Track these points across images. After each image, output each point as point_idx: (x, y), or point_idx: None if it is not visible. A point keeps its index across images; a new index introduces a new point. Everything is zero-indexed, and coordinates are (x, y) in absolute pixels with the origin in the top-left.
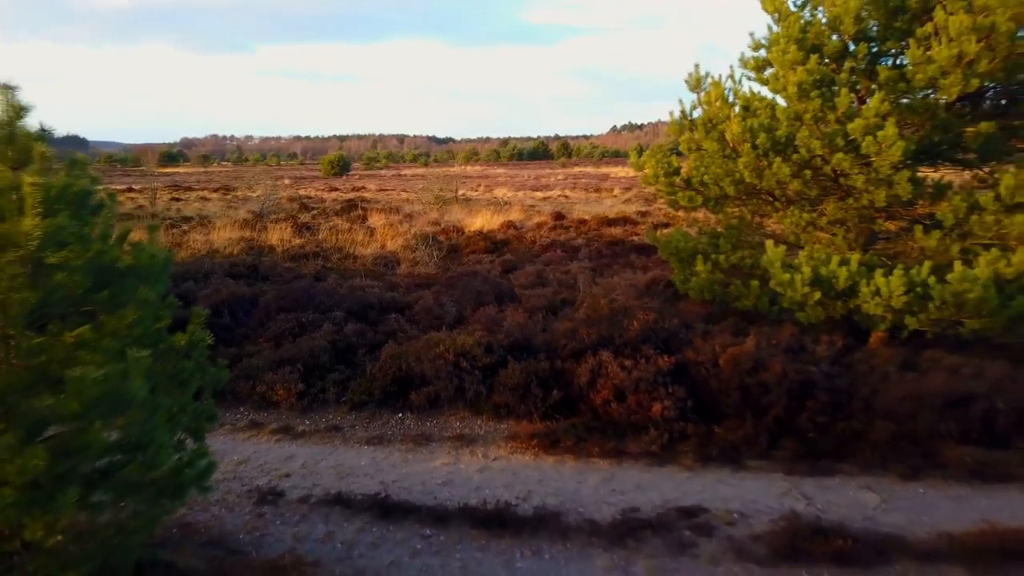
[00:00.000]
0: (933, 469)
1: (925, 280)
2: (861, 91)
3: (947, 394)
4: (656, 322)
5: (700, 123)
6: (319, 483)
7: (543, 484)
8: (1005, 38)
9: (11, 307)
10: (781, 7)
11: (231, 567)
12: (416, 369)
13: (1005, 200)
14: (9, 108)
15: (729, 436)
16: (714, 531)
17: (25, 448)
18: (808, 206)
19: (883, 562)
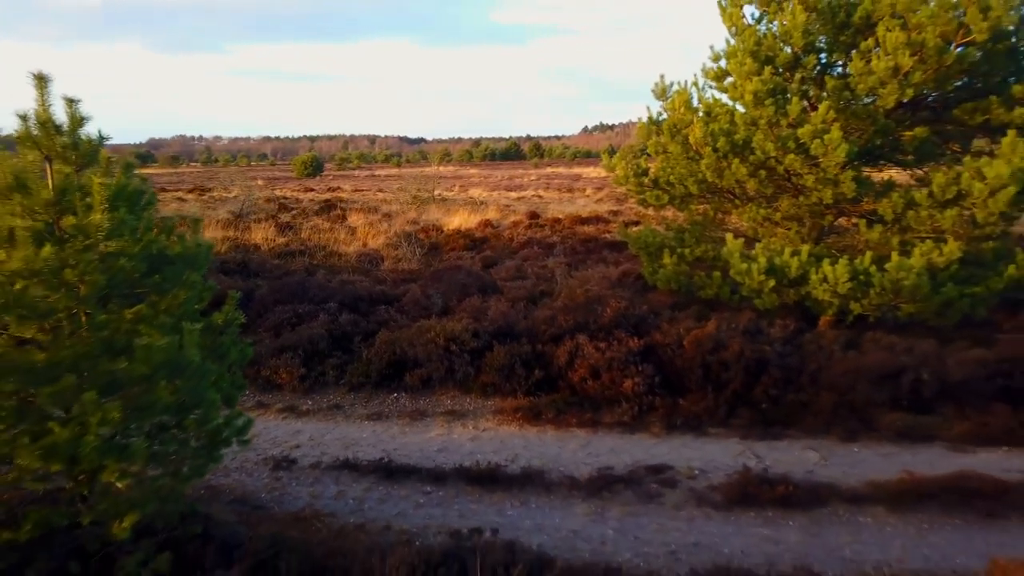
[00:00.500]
0: (868, 432)
1: (867, 269)
2: (813, 98)
3: (882, 368)
4: (627, 309)
5: (666, 128)
6: (327, 452)
7: (528, 449)
8: (934, 53)
9: (84, 288)
10: (738, 22)
11: (258, 518)
12: (409, 353)
13: (938, 197)
14: (72, 118)
15: (692, 408)
16: (677, 484)
17: (103, 403)
18: (764, 203)
19: (819, 504)
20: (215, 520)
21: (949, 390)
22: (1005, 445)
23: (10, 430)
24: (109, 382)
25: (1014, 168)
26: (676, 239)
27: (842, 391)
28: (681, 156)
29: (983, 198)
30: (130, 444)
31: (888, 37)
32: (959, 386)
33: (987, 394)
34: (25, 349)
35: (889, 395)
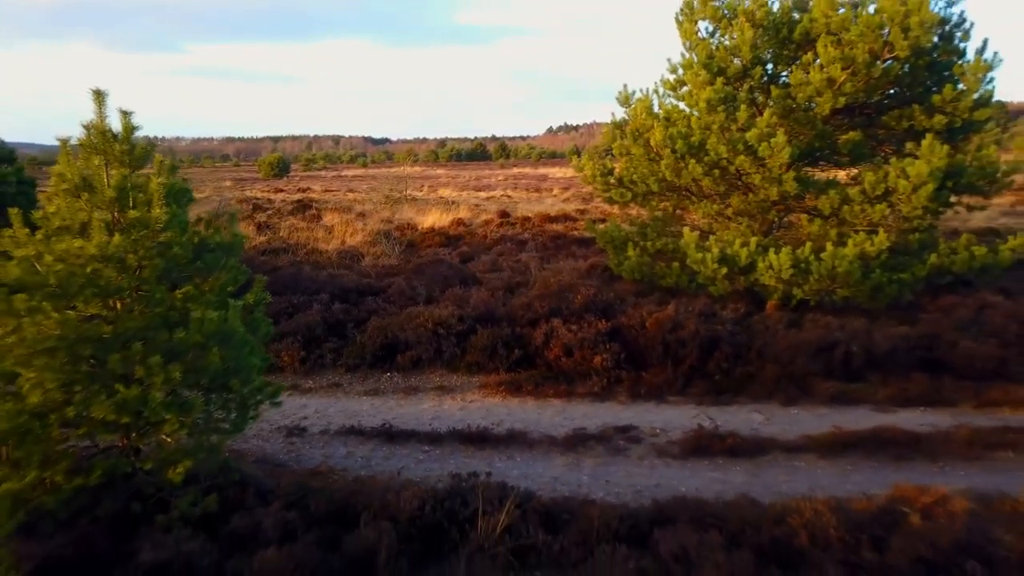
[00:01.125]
0: (805, 397)
1: (807, 258)
2: (760, 105)
3: (818, 343)
4: (596, 296)
5: (630, 132)
6: (333, 421)
7: (511, 415)
8: (864, 66)
9: (146, 271)
10: (692, 37)
11: (280, 473)
12: (400, 337)
13: (869, 193)
14: (125, 127)
15: (654, 379)
16: (642, 440)
17: (167, 366)
18: (718, 200)
19: (761, 453)
20: (243, 473)
21: (875, 361)
22: (921, 406)
23: (85, 390)
24: (169, 349)
25: (932, 168)
26: (639, 233)
27: (784, 363)
28: (643, 157)
29: (907, 194)
30: (188, 400)
31: (823, 52)
32: (884, 357)
33: (908, 364)
34: (94, 323)
35: (824, 366)
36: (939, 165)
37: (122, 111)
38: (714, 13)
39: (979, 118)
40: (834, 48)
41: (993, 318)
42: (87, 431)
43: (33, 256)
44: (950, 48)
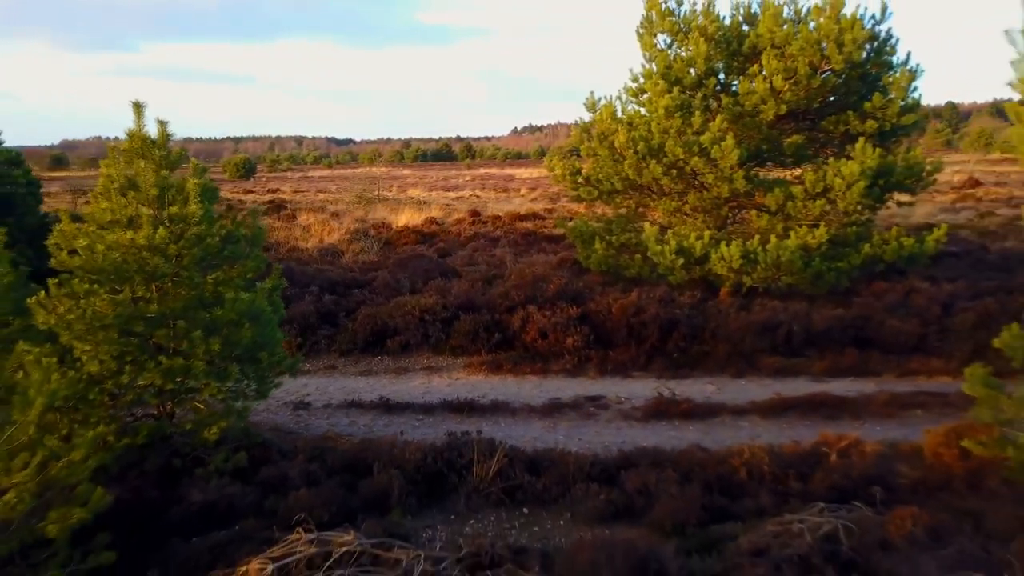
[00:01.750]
0: (752, 370)
1: (755, 249)
2: (712, 111)
3: (764, 324)
4: (567, 285)
5: (596, 135)
6: (333, 397)
7: (494, 389)
8: (804, 77)
9: (184, 259)
10: (651, 48)
11: (293, 439)
12: (389, 324)
13: (809, 191)
14: (162, 134)
15: (619, 357)
16: (609, 407)
17: (207, 339)
18: (676, 197)
19: (711, 416)
20: (261, 436)
21: (814, 339)
22: (851, 376)
23: (135, 361)
24: (207, 325)
25: (864, 168)
26: (605, 229)
27: (734, 342)
28: (608, 158)
29: (842, 191)
30: (226, 368)
31: (768, 64)
32: (821, 336)
33: (842, 341)
34: (141, 303)
35: (769, 344)
36: (871, 165)
37: (159, 121)
38: (671, 27)
39: (906, 123)
40: (778, 60)
41: (918, 301)
42: (133, 398)
43: (87, 246)
44: (880, 61)
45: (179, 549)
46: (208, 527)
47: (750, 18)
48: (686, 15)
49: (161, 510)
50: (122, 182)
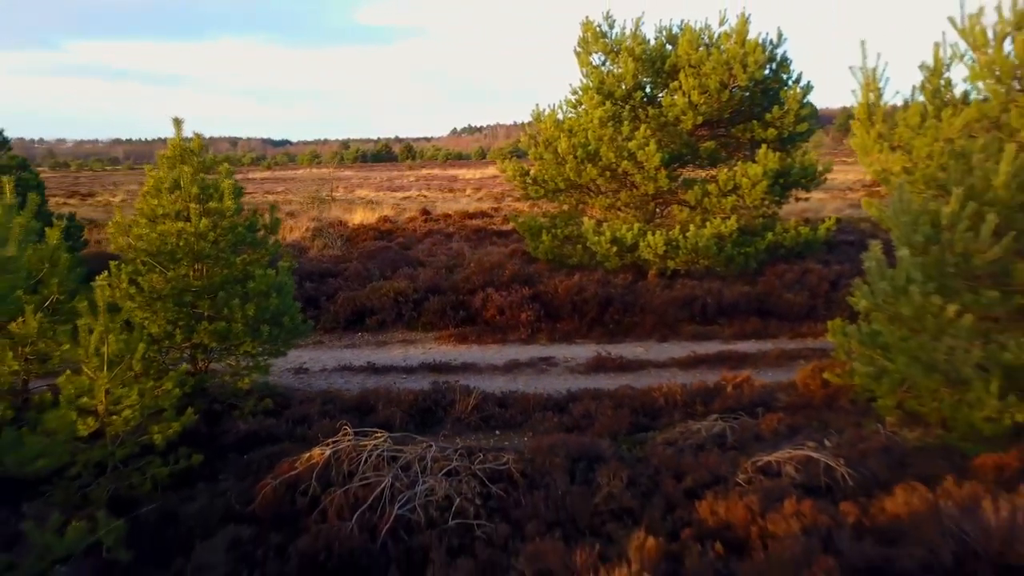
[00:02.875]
0: (674, 336)
1: (676, 238)
2: (640, 121)
3: (684, 299)
4: (519, 271)
5: (541, 141)
6: (327, 364)
7: (462, 355)
8: (715, 92)
9: (221, 243)
10: (587, 65)
11: (300, 394)
12: (367, 305)
13: (722, 188)
14: (197, 143)
15: (565, 328)
16: (558, 364)
17: (243, 306)
18: (610, 195)
19: (640, 369)
20: (277, 391)
21: (724, 310)
22: (753, 339)
23: (186, 325)
24: (243, 295)
25: (766, 169)
26: (550, 223)
27: (660, 314)
28: (552, 162)
29: (748, 189)
30: (260, 328)
31: (686, 81)
32: (731, 307)
33: (747, 312)
34: (188, 279)
35: (688, 314)
36: (772, 167)
37: (196, 133)
38: (604, 47)
39: (800, 130)
40: (694, 78)
41: (811, 279)
42: (179, 356)
43: (145, 235)
44: (777, 78)
45: (238, 461)
46: (254, 448)
47: (672, 39)
48: (617, 37)
49: (213, 439)
50: (170, 183)
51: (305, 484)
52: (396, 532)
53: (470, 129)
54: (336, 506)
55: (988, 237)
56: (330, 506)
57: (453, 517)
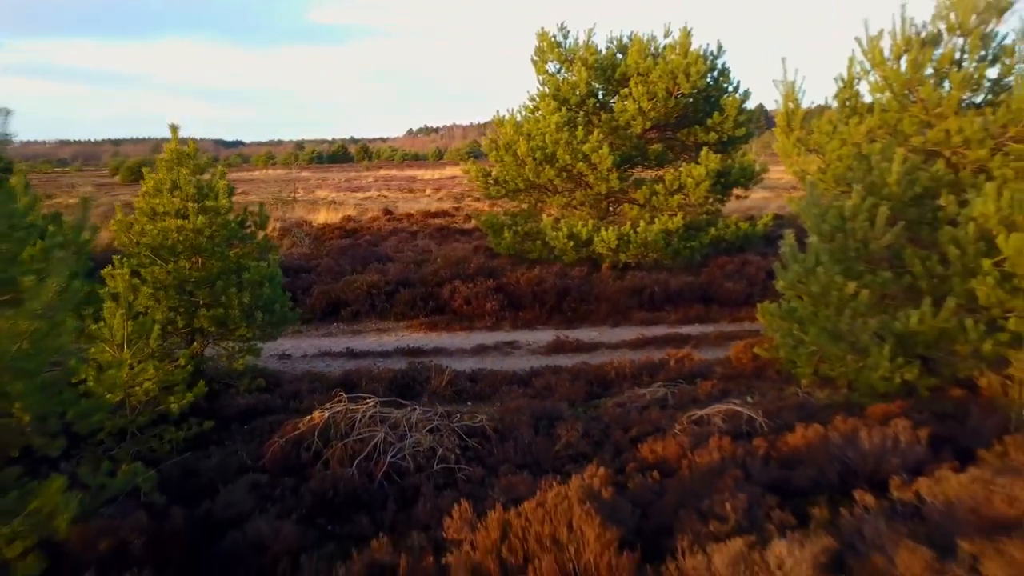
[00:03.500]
0: (626, 321)
1: (627, 233)
2: (593, 125)
3: (634, 288)
4: (484, 264)
5: (502, 145)
6: (307, 351)
7: (433, 341)
8: (662, 99)
9: (216, 238)
10: (544, 73)
11: (284, 376)
12: (342, 297)
13: (668, 188)
14: (191, 147)
15: (527, 316)
16: (521, 347)
17: (240, 292)
18: (566, 194)
19: (595, 350)
20: (266, 372)
21: (671, 298)
22: (697, 323)
23: (187, 312)
24: (238, 285)
25: (708, 170)
26: (512, 220)
27: (613, 302)
28: (512, 164)
29: (693, 188)
30: (254, 314)
31: (635, 88)
32: (676, 295)
33: (692, 299)
34: (186, 271)
35: (638, 302)
36: (713, 168)
37: (191, 140)
38: (559, 56)
39: (739, 134)
40: (642, 86)
41: (750, 270)
42: (179, 341)
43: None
44: (718, 87)
45: (241, 430)
46: (254, 419)
47: (622, 48)
48: (571, 47)
49: (215, 413)
50: (169, 184)
51: (308, 441)
52: (390, 476)
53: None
54: (337, 457)
55: (882, 226)
56: (332, 457)
57: (437, 463)
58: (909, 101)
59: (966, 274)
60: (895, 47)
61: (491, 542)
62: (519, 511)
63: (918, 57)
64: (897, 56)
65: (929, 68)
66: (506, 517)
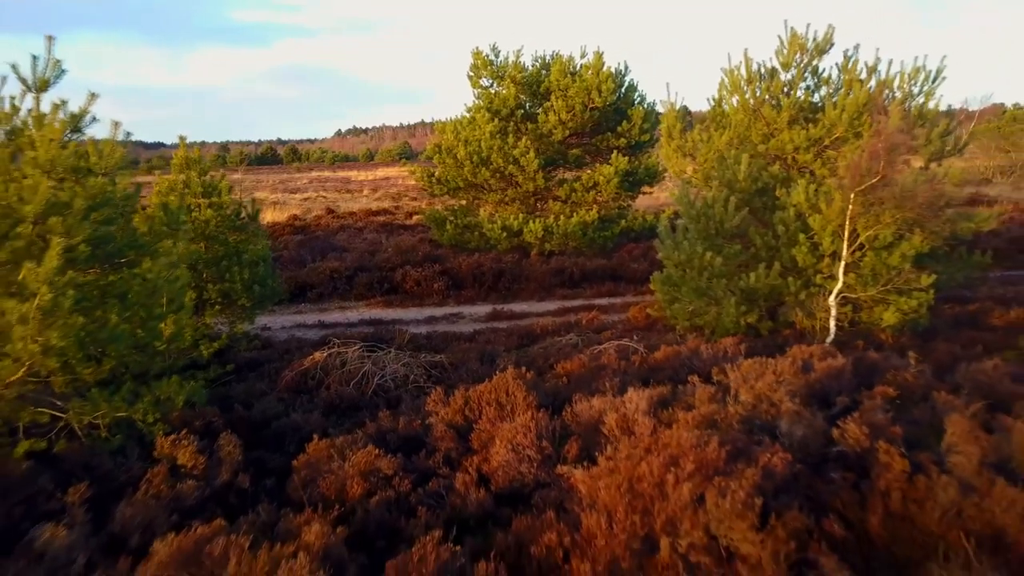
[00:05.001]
0: (550, 296)
1: (551, 225)
2: (522, 133)
3: (557, 269)
4: (429, 252)
5: (444, 149)
6: (284, 324)
7: (390, 314)
8: (579, 111)
9: (220, 227)
10: (479, 87)
11: (273, 340)
12: (307, 281)
13: (585, 186)
14: (196, 154)
15: (468, 294)
16: (464, 317)
17: (242, 269)
18: (500, 192)
19: (525, 318)
20: (256, 336)
21: (588, 277)
22: (608, 296)
23: (198, 285)
24: (239, 264)
25: (617, 170)
26: (452, 214)
27: (540, 282)
28: (453, 165)
29: (604, 185)
30: (253, 287)
31: (556, 102)
32: (592, 275)
33: (604, 278)
34: (197, 253)
35: (560, 281)
36: (622, 169)
37: (195, 145)
38: (492, 73)
39: (644, 140)
40: (562, 100)
41: (652, 254)
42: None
43: None
44: (626, 100)
45: (250, 373)
46: (259, 367)
47: (546, 66)
48: (501, 64)
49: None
50: (180, 184)
51: (312, 373)
52: (377, 393)
53: (355, 131)
54: (336, 382)
55: (733, 212)
56: (332, 383)
57: (411, 384)
58: (756, 118)
59: (789, 245)
60: (746, 78)
61: (457, 407)
62: (475, 389)
63: (759, 87)
64: (747, 84)
65: (767, 95)
66: (466, 394)
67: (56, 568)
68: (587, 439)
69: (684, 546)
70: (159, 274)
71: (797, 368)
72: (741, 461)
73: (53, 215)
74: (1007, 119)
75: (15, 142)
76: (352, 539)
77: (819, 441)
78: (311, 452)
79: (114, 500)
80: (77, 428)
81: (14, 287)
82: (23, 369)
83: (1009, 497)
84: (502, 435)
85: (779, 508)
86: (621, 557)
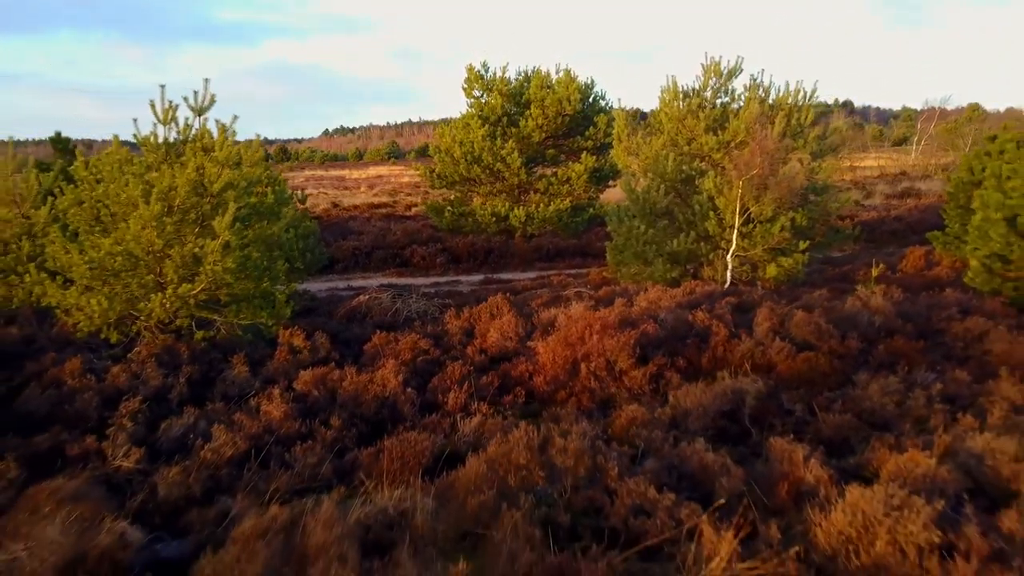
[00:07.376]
0: (531, 268)
1: (533, 212)
2: (507, 136)
3: (536, 247)
4: (431, 235)
5: (443, 149)
6: (321, 289)
7: (403, 281)
8: (554, 118)
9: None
10: (471, 97)
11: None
12: (334, 256)
13: (560, 180)
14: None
15: (465, 267)
16: (463, 283)
17: (297, 240)
18: (489, 185)
19: (510, 283)
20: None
21: (561, 253)
22: (575, 268)
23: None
24: (296, 236)
25: (585, 168)
26: (450, 204)
27: (522, 257)
28: (450, 163)
29: (576, 180)
30: (305, 255)
31: (535, 110)
32: (565, 251)
33: (575, 254)
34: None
35: (539, 256)
36: (589, 166)
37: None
38: (483, 85)
39: (607, 142)
40: (539, 109)
41: None
42: None
43: None
44: (593, 108)
45: (310, 316)
46: (313, 314)
47: (527, 79)
48: (490, 79)
49: None
50: None
51: (360, 309)
52: (405, 319)
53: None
54: (377, 314)
55: (662, 196)
56: (374, 314)
57: (428, 316)
58: (682, 126)
59: (703, 219)
60: (673, 96)
61: (464, 319)
62: (476, 309)
63: (681, 103)
64: (675, 100)
65: (688, 110)
66: (472, 311)
67: (243, 385)
68: (545, 330)
69: (593, 367)
70: (279, 231)
71: (685, 292)
72: (630, 328)
73: (227, 191)
74: (963, 120)
75: (194, 144)
76: (408, 375)
77: (684, 324)
78: (376, 340)
79: (259, 365)
80: (222, 327)
81: (208, 232)
82: (208, 280)
83: (779, 347)
84: (494, 327)
85: (651, 354)
86: (560, 374)
